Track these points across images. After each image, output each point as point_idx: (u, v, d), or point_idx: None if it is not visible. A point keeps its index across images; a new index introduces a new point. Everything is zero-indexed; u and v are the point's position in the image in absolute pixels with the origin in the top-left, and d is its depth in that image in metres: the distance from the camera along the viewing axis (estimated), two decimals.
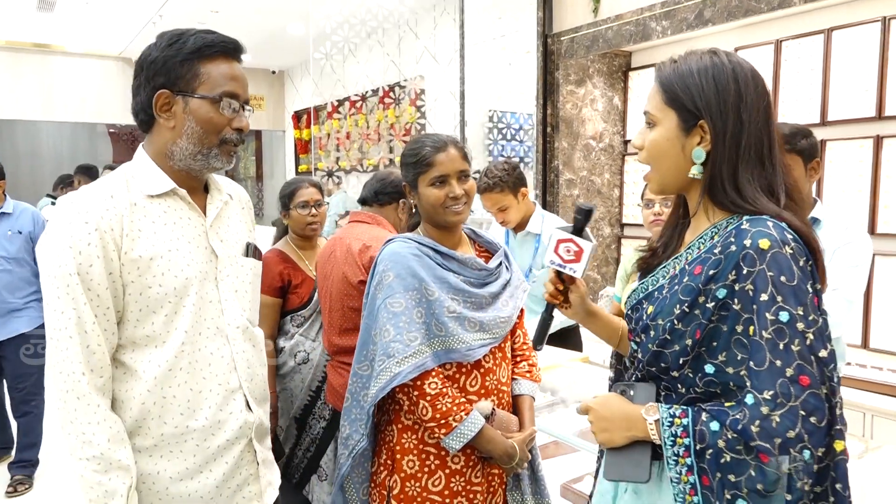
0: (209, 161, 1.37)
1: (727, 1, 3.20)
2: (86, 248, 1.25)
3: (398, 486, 1.64)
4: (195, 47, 1.33)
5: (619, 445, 1.13)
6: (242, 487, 1.45)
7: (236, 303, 1.44)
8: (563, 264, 1.30)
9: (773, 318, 0.98)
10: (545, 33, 4.19)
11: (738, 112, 1.08)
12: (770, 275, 0.99)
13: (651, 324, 1.12)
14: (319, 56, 5.56)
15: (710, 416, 1.02)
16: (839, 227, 2.06)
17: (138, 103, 1.37)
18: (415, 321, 1.58)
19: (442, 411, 1.57)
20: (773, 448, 0.96)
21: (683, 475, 1.03)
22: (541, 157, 4.22)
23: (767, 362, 0.98)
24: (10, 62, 7.24)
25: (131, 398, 1.32)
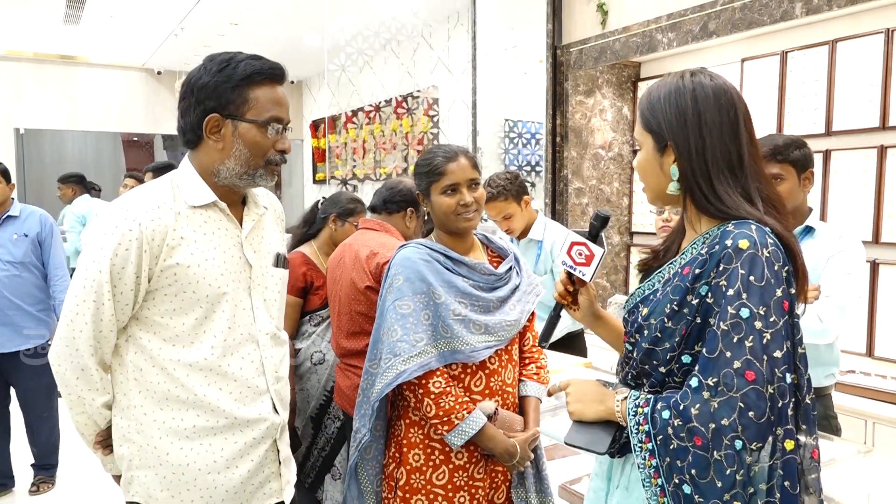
0: (254, 180, 1.48)
1: (731, 13, 3.26)
2: (123, 252, 1.36)
3: (404, 477, 1.73)
4: (245, 74, 1.42)
5: (587, 420, 1.22)
6: (264, 484, 1.55)
7: (265, 311, 1.54)
8: (574, 266, 1.37)
9: (733, 313, 1.05)
10: (555, 45, 4.27)
11: (699, 130, 1.16)
12: (741, 273, 1.06)
13: (644, 324, 1.19)
14: (335, 67, 5.67)
15: (665, 404, 1.09)
16: (833, 236, 2.12)
17: (187, 123, 1.46)
18: (422, 322, 1.67)
19: (445, 409, 1.65)
20: (707, 432, 1.02)
21: (647, 460, 1.10)
22: (550, 166, 4.29)
23: (718, 352, 1.05)
24: (37, 74, 7.45)
25: (166, 390, 1.43)
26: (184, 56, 6.84)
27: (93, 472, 3.67)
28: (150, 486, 1.44)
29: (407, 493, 1.72)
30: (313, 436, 2.57)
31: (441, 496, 1.70)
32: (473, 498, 1.73)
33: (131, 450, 1.45)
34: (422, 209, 2.07)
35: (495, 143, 4.71)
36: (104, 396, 1.45)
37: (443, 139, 5.70)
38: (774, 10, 3.09)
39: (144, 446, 1.44)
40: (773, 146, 2.12)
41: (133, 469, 1.46)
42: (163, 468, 1.43)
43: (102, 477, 3.57)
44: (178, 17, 5.77)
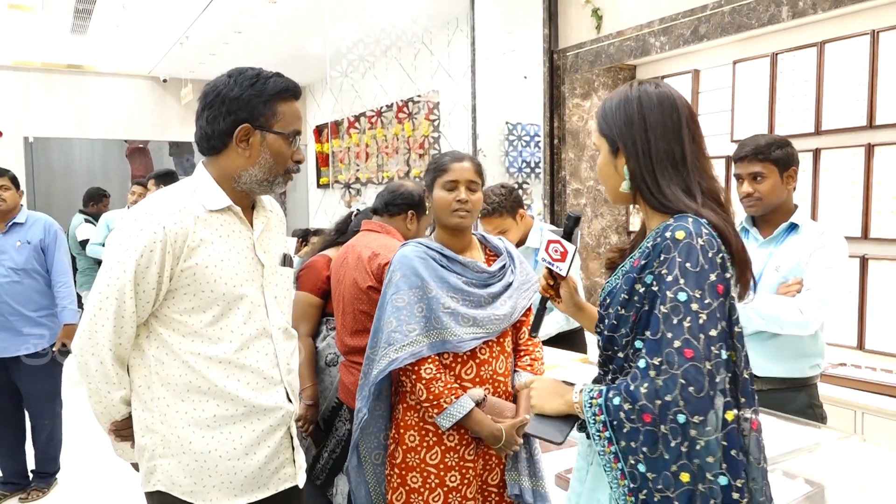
0: (272, 187, 1.61)
1: (720, 17, 3.35)
2: (148, 253, 1.46)
3: (401, 456, 1.87)
4: (275, 90, 1.55)
5: (547, 413, 1.32)
6: (280, 469, 1.65)
7: (277, 307, 1.65)
8: (552, 262, 1.48)
9: (671, 297, 1.15)
10: (551, 49, 4.36)
11: (644, 132, 1.28)
12: (679, 260, 1.17)
13: (605, 313, 1.30)
14: (337, 74, 5.78)
15: (616, 391, 1.18)
16: (816, 233, 2.20)
17: (215, 131, 1.56)
18: (415, 315, 1.81)
19: (434, 393, 1.80)
20: (654, 409, 1.12)
21: (606, 447, 1.19)
22: (548, 167, 4.38)
23: (660, 333, 1.15)
24: (45, 83, 7.58)
25: (187, 382, 1.53)
26: (189, 64, 6.96)
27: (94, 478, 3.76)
28: (174, 473, 1.54)
29: (403, 471, 1.86)
30: (325, 437, 2.61)
31: (433, 474, 1.84)
32: (464, 477, 1.86)
33: (154, 440, 1.54)
34: (427, 206, 2.19)
35: (496, 145, 4.80)
36: (120, 391, 1.54)
37: (444, 143, 5.80)
38: (762, 13, 3.18)
39: (168, 436, 1.53)
40: (755, 146, 2.21)
41: (156, 458, 1.55)
42: (185, 456, 1.53)
43: (103, 482, 3.68)
44: (184, 26, 5.88)
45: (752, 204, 2.25)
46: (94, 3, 5.36)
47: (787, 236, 2.24)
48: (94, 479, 3.75)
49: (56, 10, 5.59)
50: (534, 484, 1.91)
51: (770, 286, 2.21)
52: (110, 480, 3.65)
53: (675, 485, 1.12)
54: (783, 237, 2.25)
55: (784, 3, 3.10)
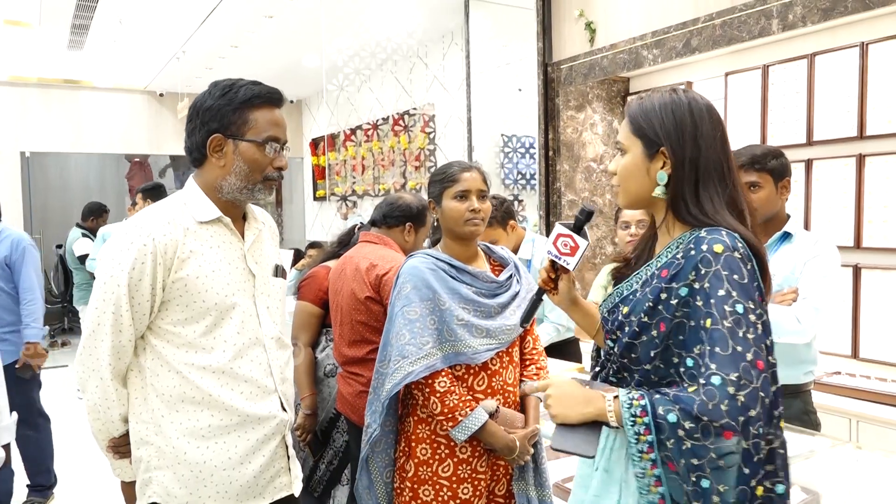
0: (254, 194, 1.60)
1: (712, 30, 3.39)
2: (140, 266, 1.47)
3: (412, 469, 1.85)
4: (245, 97, 1.55)
5: (572, 422, 1.22)
6: (275, 478, 1.65)
7: (269, 316, 1.65)
8: (559, 256, 1.45)
9: (731, 310, 1.12)
10: (545, 62, 4.40)
11: (695, 140, 1.24)
12: (725, 274, 1.14)
13: (625, 321, 1.27)
14: (333, 87, 5.82)
15: (666, 407, 1.12)
16: (809, 242, 2.22)
17: (193, 143, 1.59)
18: (428, 327, 1.80)
19: (449, 406, 1.78)
20: (738, 425, 1.07)
21: (645, 451, 1.14)
22: (543, 179, 4.41)
23: (730, 349, 1.10)
24: (42, 98, 7.60)
25: (181, 393, 1.53)
26: (185, 79, 6.99)
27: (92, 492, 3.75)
28: (169, 484, 1.54)
29: (415, 484, 1.84)
30: (322, 448, 2.62)
31: (446, 487, 1.83)
32: (476, 489, 1.85)
33: (149, 451, 1.54)
34: (430, 218, 2.20)
35: (491, 157, 4.84)
36: (120, 409, 1.55)
37: (439, 155, 5.83)
38: (753, 26, 3.23)
39: (163, 447, 1.53)
40: (751, 155, 2.22)
41: (151, 470, 1.55)
42: (181, 467, 1.53)
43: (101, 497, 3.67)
44: (180, 41, 5.92)
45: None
46: (91, 18, 5.39)
47: (781, 245, 2.25)
48: (92, 493, 3.74)
49: (53, 26, 5.62)
50: (539, 493, 1.92)
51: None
52: (108, 495, 3.64)
53: (750, 498, 1.10)
54: (776, 246, 2.26)
55: (774, 16, 3.15)
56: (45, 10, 5.22)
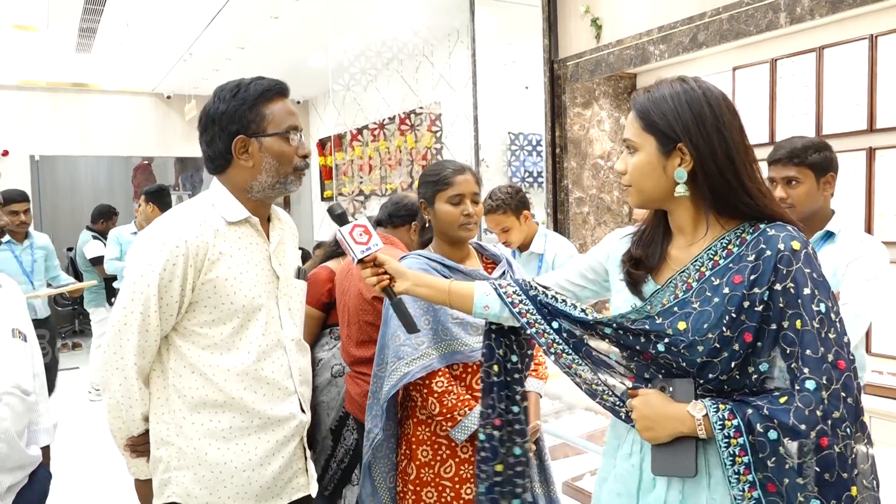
0: (286, 187, 1.59)
1: (719, 25, 3.37)
2: (171, 267, 1.47)
3: (414, 472, 1.84)
4: (257, 93, 1.55)
5: (663, 441, 1.17)
6: (293, 479, 1.66)
7: (290, 319, 1.66)
8: (368, 246, 1.45)
9: (817, 310, 1.08)
10: (551, 59, 4.39)
11: (720, 131, 1.15)
12: (807, 271, 1.10)
13: (699, 339, 1.15)
14: (339, 87, 5.82)
15: (764, 423, 1.07)
16: (854, 241, 2.06)
17: (215, 150, 1.57)
18: (423, 327, 1.79)
19: (448, 406, 1.77)
20: (828, 429, 1.04)
21: (742, 473, 1.08)
22: (551, 176, 4.40)
23: (819, 350, 1.07)
24: (51, 102, 7.64)
25: (203, 395, 1.54)
26: (192, 80, 7.02)
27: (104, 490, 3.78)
28: (189, 485, 1.55)
29: (418, 487, 1.83)
30: (332, 447, 2.61)
31: (449, 488, 1.82)
32: None
33: (170, 452, 1.55)
34: (421, 218, 2.19)
35: (498, 155, 4.83)
36: (142, 408, 1.55)
37: (446, 154, 5.82)
38: (760, 20, 3.20)
39: (184, 448, 1.54)
40: (790, 149, 2.10)
41: (171, 470, 1.56)
42: (201, 468, 1.54)
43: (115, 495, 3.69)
44: (187, 43, 5.93)
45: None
46: (99, 21, 5.42)
47: (823, 245, 2.11)
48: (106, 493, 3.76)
49: (61, 30, 5.65)
50: (545, 489, 1.91)
51: None
52: (122, 495, 3.66)
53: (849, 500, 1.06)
54: (818, 246, 2.12)
55: (782, 10, 3.12)
56: (52, 13, 5.25)
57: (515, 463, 1.53)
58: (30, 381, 1.63)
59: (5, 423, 1.54)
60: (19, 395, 1.57)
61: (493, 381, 1.51)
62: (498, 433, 1.51)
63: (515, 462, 1.53)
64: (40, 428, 1.71)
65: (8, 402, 1.55)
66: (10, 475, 1.59)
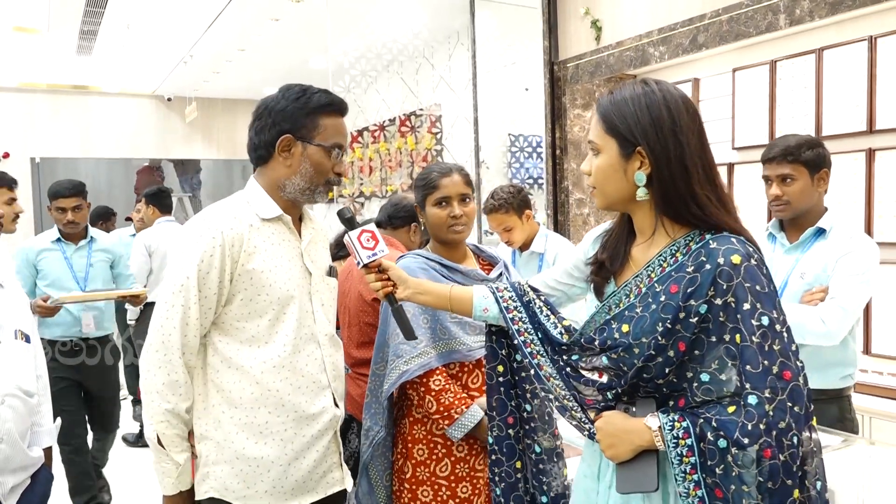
0: (314, 196, 1.65)
1: (718, 26, 3.38)
2: (208, 258, 1.51)
3: (410, 471, 1.86)
4: (318, 104, 1.61)
5: (626, 459, 1.18)
6: (328, 473, 1.69)
7: (323, 314, 1.70)
8: (374, 252, 1.49)
9: (757, 325, 1.09)
10: (551, 60, 4.40)
11: (675, 135, 1.17)
12: (748, 286, 1.10)
13: (634, 343, 1.19)
14: (340, 89, 5.82)
15: (716, 432, 1.09)
16: (844, 237, 2.10)
17: (261, 141, 1.63)
18: (421, 326, 1.80)
19: (445, 405, 1.78)
20: (772, 440, 1.06)
21: (688, 473, 1.11)
22: (551, 178, 4.40)
23: (760, 365, 1.08)
24: (51, 104, 7.65)
25: (241, 389, 1.57)
26: (193, 82, 7.03)
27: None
28: (226, 479, 1.58)
29: (414, 486, 1.85)
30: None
31: (445, 486, 1.83)
32: (475, 487, 1.85)
33: (209, 447, 1.58)
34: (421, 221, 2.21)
35: (499, 156, 4.83)
36: (186, 402, 1.58)
37: (447, 155, 5.83)
38: (760, 22, 3.21)
39: (222, 442, 1.57)
40: (784, 147, 2.13)
41: (209, 465, 1.59)
42: (239, 462, 1.57)
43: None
44: (188, 46, 5.94)
45: (780, 207, 2.16)
46: (99, 24, 5.43)
47: (815, 241, 2.15)
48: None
49: (61, 32, 5.66)
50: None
51: (795, 294, 2.12)
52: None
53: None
54: (810, 242, 2.16)
55: (781, 11, 3.13)
56: (53, 16, 5.26)
57: (538, 460, 1.55)
58: (32, 383, 1.63)
59: (8, 425, 1.54)
60: (22, 397, 1.58)
61: (500, 381, 1.53)
62: (513, 431, 1.54)
63: (538, 459, 1.55)
64: (43, 429, 1.72)
65: (11, 404, 1.55)
66: (13, 476, 1.59)
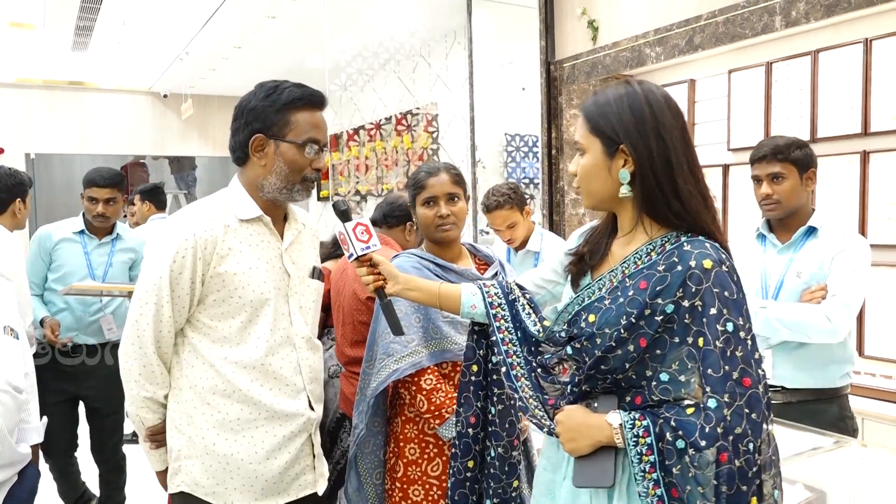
0: (292, 194, 1.63)
1: (715, 28, 3.38)
2: (180, 259, 1.52)
3: (402, 470, 1.86)
4: (288, 99, 1.58)
5: (584, 453, 1.20)
6: (300, 476, 1.68)
7: (301, 317, 1.69)
8: (368, 245, 1.49)
9: (722, 329, 1.11)
10: (548, 60, 4.40)
11: (658, 133, 1.18)
12: (716, 291, 1.12)
13: (597, 332, 1.21)
14: (336, 87, 5.82)
15: (674, 432, 1.11)
16: (836, 234, 2.13)
17: (236, 142, 1.63)
18: (413, 325, 1.80)
19: (436, 404, 1.79)
20: (728, 445, 1.07)
21: (647, 472, 1.13)
22: (547, 178, 4.41)
23: (721, 369, 1.10)
24: (47, 99, 7.62)
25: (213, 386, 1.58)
26: (189, 79, 7.01)
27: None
28: (197, 474, 1.58)
29: (405, 485, 1.85)
30: (330, 449, 2.60)
31: (436, 486, 1.83)
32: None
33: (181, 440, 1.59)
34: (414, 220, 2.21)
35: (495, 156, 4.83)
36: (164, 390, 1.61)
37: (443, 154, 5.83)
38: (756, 23, 3.21)
39: (193, 437, 1.58)
40: (773, 146, 2.16)
41: (181, 459, 1.59)
42: (209, 458, 1.57)
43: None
44: (184, 42, 5.92)
45: (770, 206, 2.19)
46: (95, 20, 5.41)
47: (807, 240, 2.17)
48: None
49: (57, 28, 5.64)
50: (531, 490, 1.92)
51: (793, 293, 2.14)
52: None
53: None
54: (802, 241, 2.18)
55: (777, 13, 3.14)
56: (49, 11, 5.23)
57: (491, 464, 1.57)
58: (21, 379, 1.63)
59: None
60: (11, 393, 1.58)
61: (472, 380, 1.55)
62: (472, 431, 1.56)
63: (490, 464, 1.57)
64: (30, 426, 1.72)
65: (1, 400, 1.55)
66: (2, 472, 1.59)
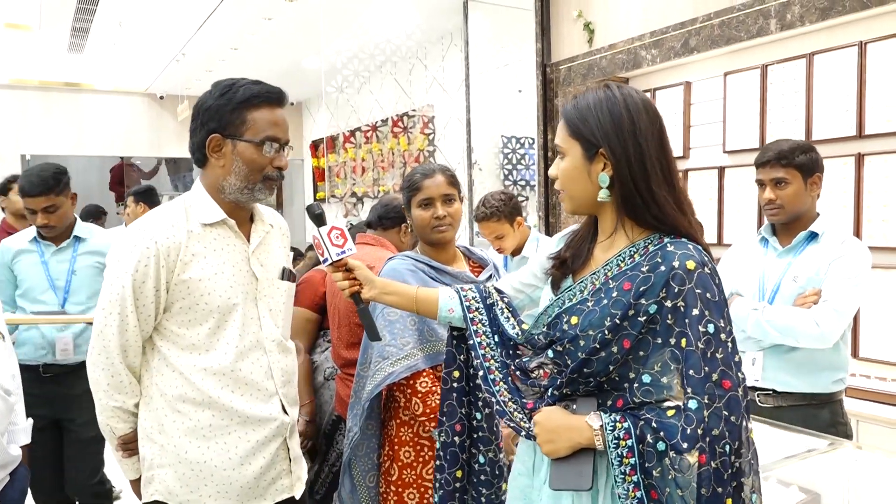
0: (254, 194, 1.59)
1: (710, 30, 3.39)
2: (143, 268, 1.49)
3: (396, 473, 1.85)
4: (243, 97, 1.54)
5: (563, 455, 1.19)
6: (276, 480, 1.65)
7: (271, 320, 1.66)
8: (343, 250, 1.48)
9: (703, 331, 1.11)
10: (544, 63, 4.40)
11: (635, 137, 1.19)
12: (698, 292, 1.13)
13: (580, 334, 1.20)
14: (332, 89, 5.83)
15: (655, 436, 1.10)
16: (836, 241, 2.12)
17: (194, 144, 1.59)
18: (408, 328, 1.79)
19: (432, 407, 1.77)
20: (706, 446, 1.08)
21: (627, 475, 1.12)
22: (543, 180, 4.41)
23: (702, 371, 1.10)
24: (43, 101, 7.61)
25: (183, 394, 1.55)
26: (185, 81, 7.00)
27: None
28: (170, 483, 1.55)
29: (400, 488, 1.84)
30: (326, 451, 2.60)
31: (430, 490, 1.81)
32: None
33: (153, 449, 1.56)
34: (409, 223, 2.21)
35: (491, 158, 4.83)
36: (133, 399, 1.58)
37: (439, 156, 5.83)
38: (751, 26, 3.22)
39: (165, 445, 1.55)
40: (778, 151, 2.14)
41: (154, 468, 1.57)
42: (182, 465, 1.54)
43: None
44: (180, 44, 5.92)
45: (773, 211, 2.17)
46: (91, 21, 5.40)
47: (807, 245, 2.15)
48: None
49: (53, 29, 5.63)
50: None
51: (788, 297, 2.12)
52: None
53: None
54: (802, 246, 2.17)
55: (773, 16, 3.15)
56: (45, 13, 5.23)
57: (480, 471, 1.55)
58: (10, 381, 1.62)
59: None
60: (2, 395, 1.57)
61: (454, 386, 1.54)
62: (458, 439, 1.54)
63: (480, 470, 1.55)
64: (18, 427, 1.71)
65: None
66: None
